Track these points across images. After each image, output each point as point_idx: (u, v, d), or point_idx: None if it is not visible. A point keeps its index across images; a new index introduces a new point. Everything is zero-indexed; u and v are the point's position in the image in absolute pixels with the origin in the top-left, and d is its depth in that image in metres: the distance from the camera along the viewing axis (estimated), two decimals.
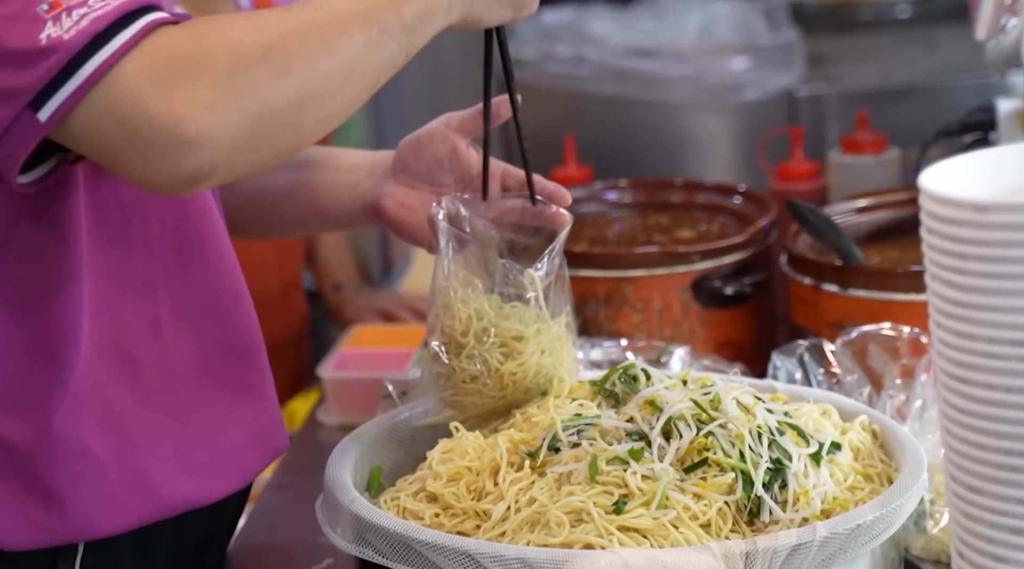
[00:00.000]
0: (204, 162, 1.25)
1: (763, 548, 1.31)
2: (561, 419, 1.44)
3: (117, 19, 1.25)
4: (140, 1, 1.27)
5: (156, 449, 1.42)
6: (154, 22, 1.26)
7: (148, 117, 1.24)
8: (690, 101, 2.92)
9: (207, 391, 1.46)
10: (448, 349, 1.51)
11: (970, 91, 2.71)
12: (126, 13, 1.25)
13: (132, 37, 1.25)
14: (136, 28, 1.25)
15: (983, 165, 1.24)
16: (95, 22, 1.24)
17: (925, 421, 1.61)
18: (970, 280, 1.16)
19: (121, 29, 1.25)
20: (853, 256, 1.91)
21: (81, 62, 1.23)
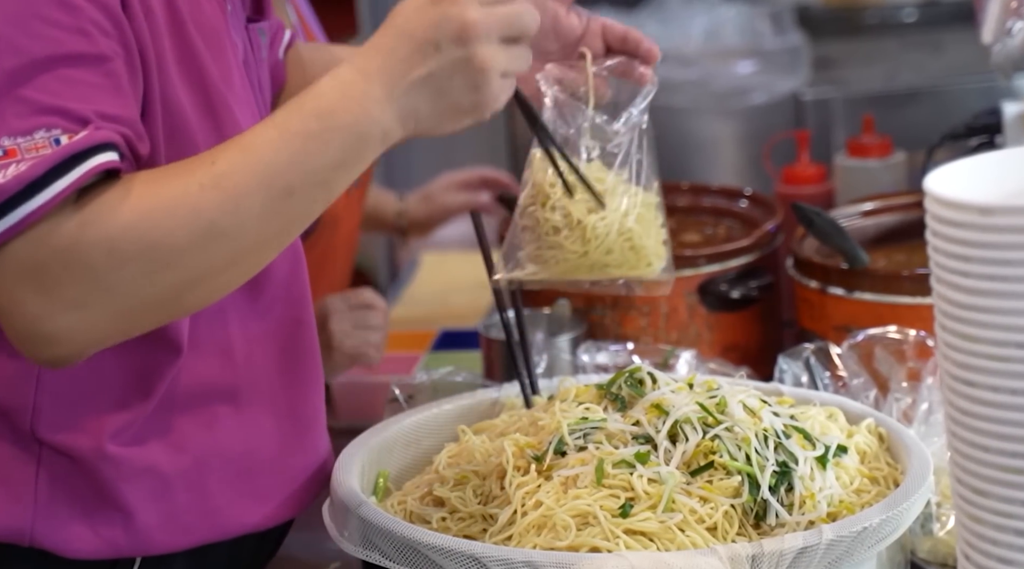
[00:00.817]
0: (64, 352, 1.25)
1: (769, 551, 1.31)
2: (567, 423, 1.44)
3: (59, 163, 1.21)
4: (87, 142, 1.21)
5: (222, 472, 1.42)
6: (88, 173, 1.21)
7: (13, 305, 1.22)
8: (696, 105, 2.92)
9: (273, 418, 1.45)
10: (536, 200, 1.46)
11: (976, 94, 2.71)
12: (69, 156, 1.21)
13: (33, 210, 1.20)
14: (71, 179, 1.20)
15: (988, 168, 1.24)
16: (33, 167, 1.20)
17: (931, 424, 1.61)
18: (975, 282, 1.16)
19: (59, 176, 1.21)
20: (859, 259, 1.91)
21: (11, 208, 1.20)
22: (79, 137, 1.22)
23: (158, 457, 1.39)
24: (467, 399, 1.63)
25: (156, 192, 1.24)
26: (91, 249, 1.22)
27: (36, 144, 1.21)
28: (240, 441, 1.43)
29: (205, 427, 1.41)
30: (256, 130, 1.27)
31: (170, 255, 1.23)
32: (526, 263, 1.47)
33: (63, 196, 1.21)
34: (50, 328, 1.22)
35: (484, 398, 1.63)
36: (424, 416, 1.60)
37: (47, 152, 1.21)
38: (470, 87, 1.26)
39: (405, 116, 1.26)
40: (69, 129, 1.22)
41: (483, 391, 1.65)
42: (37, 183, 1.20)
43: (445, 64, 1.25)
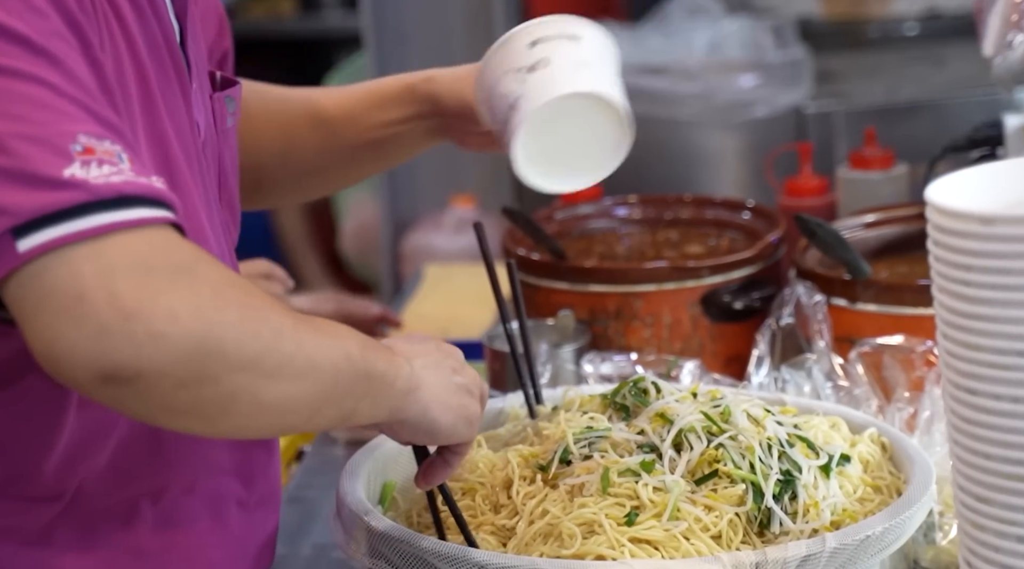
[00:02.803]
0: (131, 362, 1.13)
1: (773, 559, 1.32)
2: (572, 432, 1.45)
3: (146, 195, 1.17)
4: (167, 196, 1.19)
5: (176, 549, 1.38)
6: (171, 221, 1.18)
7: (109, 293, 1.12)
8: (699, 118, 2.93)
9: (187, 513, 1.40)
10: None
11: (978, 107, 2.72)
12: (155, 197, 1.17)
13: (150, 218, 1.16)
14: (157, 214, 1.17)
15: (989, 178, 1.25)
16: (126, 184, 1.16)
17: (933, 433, 1.62)
18: (976, 292, 1.17)
19: (144, 204, 1.16)
20: (861, 270, 1.92)
21: (96, 210, 1.14)
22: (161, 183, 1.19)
23: (68, 553, 1.32)
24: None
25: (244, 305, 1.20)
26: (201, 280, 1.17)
27: (107, 150, 1.17)
28: (153, 536, 1.36)
29: (120, 522, 1.35)
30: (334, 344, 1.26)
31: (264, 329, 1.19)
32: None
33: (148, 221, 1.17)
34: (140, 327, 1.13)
35: (489, 408, 1.64)
36: None
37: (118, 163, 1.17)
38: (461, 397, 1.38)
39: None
40: (128, 150, 1.19)
41: (487, 401, 1.66)
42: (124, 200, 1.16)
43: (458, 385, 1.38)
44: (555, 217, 2.23)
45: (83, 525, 1.34)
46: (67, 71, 1.19)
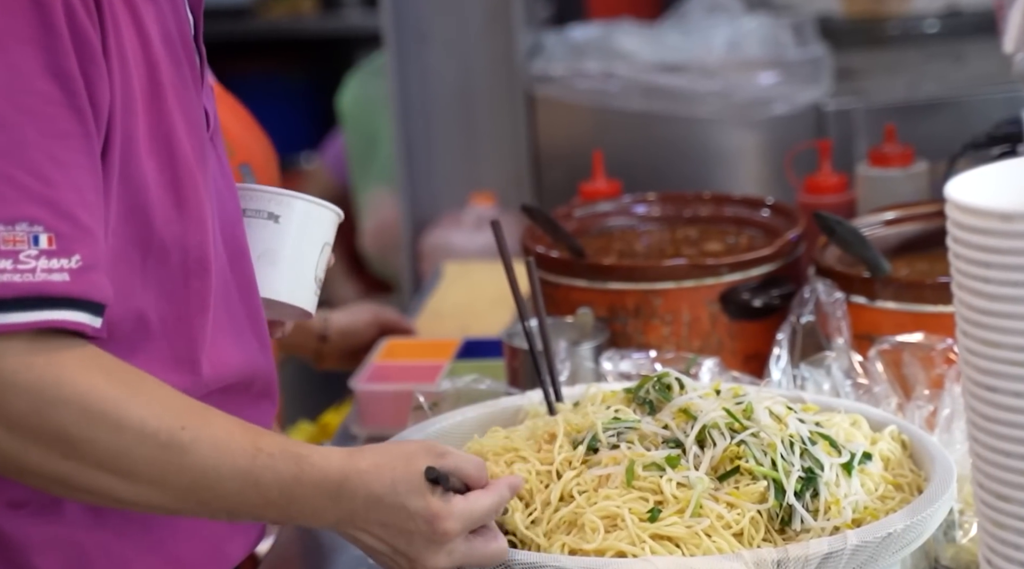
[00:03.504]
0: None
1: (794, 556, 1.32)
2: (601, 421, 1.45)
3: (24, 298, 1.19)
4: (64, 291, 1.20)
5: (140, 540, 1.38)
6: (52, 323, 1.20)
7: None
8: (718, 116, 2.92)
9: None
10: None
11: (998, 104, 2.71)
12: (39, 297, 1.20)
13: (11, 325, 1.19)
14: (28, 320, 1.19)
15: (1009, 175, 1.25)
16: (2, 287, 1.19)
17: (953, 431, 1.62)
18: (996, 289, 1.17)
19: (16, 310, 1.19)
20: (881, 268, 1.92)
21: None
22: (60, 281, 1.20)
23: (76, 528, 1.34)
24: (491, 407, 1.63)
25: (112, 399, 1.23)
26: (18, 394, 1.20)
27: (15, 237, 1.19)
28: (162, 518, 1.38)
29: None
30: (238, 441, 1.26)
31: (76, 457, 1.23)
32: None
33: (20, 328, 1.20)
34: None
35: (508, 406, 1.64)
36: (448, 424, 1.61)
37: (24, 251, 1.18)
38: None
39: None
40: (53, 227, 1.20)
41: (507, 399, 1.66)
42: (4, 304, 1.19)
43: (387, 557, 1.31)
44: (574, 215, 2.23)
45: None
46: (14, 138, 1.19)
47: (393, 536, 1.29)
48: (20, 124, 1.21)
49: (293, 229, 1.42)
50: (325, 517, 1.29)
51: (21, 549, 1.33)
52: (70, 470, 1.24)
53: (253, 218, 1.41)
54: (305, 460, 1.27)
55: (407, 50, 3.37)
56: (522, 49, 3.14)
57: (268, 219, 1.41)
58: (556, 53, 3.07)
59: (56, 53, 1.23)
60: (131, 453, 1.23)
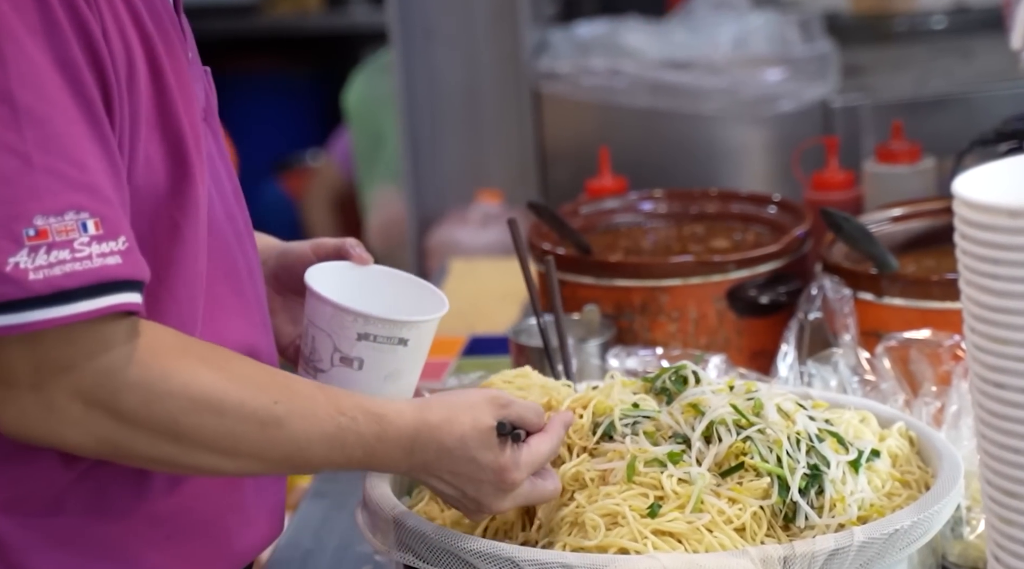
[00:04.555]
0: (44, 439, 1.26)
1: (801, 553, 1.31)
2: (621, 408, 1.45)
3: (89, 285, 1.21)
4: (121, 274, 1.23)
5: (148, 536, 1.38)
6: (119, 307, 1.22)
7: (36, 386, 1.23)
8: (725, 113, 2.92)
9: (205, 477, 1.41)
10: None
11: (1006, 101, 2.70)
12: (101, 283, 1.22)
13: (88, 313, 1.21)
14: (99, 306, 1.22)
15: (1017, 172, 1.25)
16: (67, 277, 1.21)
17: (961, 428, 1.62)
18: (1004, 285, 1.16)
19: (86, 297, 1.22)
20: (888, 264, 1.92)
21: (29, 307, 1.20)
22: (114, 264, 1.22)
23: (83, 525, 1.35)
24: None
25: (213, 385, 1.27)
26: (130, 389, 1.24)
27: (66, 226, 1.21)
28: (168, 504, 1.38)
29: (133, 491, 1.36)
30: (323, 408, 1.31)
31: (186, 441, 1.27)
32: None
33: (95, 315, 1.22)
34: (55, 418, 1.24)
35: None
36: None
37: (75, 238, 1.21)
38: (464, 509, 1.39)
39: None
40: (97, 212, 1.22)
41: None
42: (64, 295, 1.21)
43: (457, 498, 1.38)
44: (580, 212, 2.23)
45: (96, 493, 1.35)
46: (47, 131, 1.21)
47: (463, 483, 1.36)
48: (49, 116, 1.23)
49: (421, 347, 1.45)
50: (399, 467, 1.36)
51: (21, 549, 1.33)
52: (177, 453, 1.28)
53: (383, 344, 1.43)
54: (384, 419, 1.33)
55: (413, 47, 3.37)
56: (528, 46, 3.13)
57: (398, 344, 1.44)
58: (562, 50, 3.07)
59: (60, 43, 1.24)
60: (234, 433, 1.28)
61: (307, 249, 1.55)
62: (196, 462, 1.30)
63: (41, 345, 1.22)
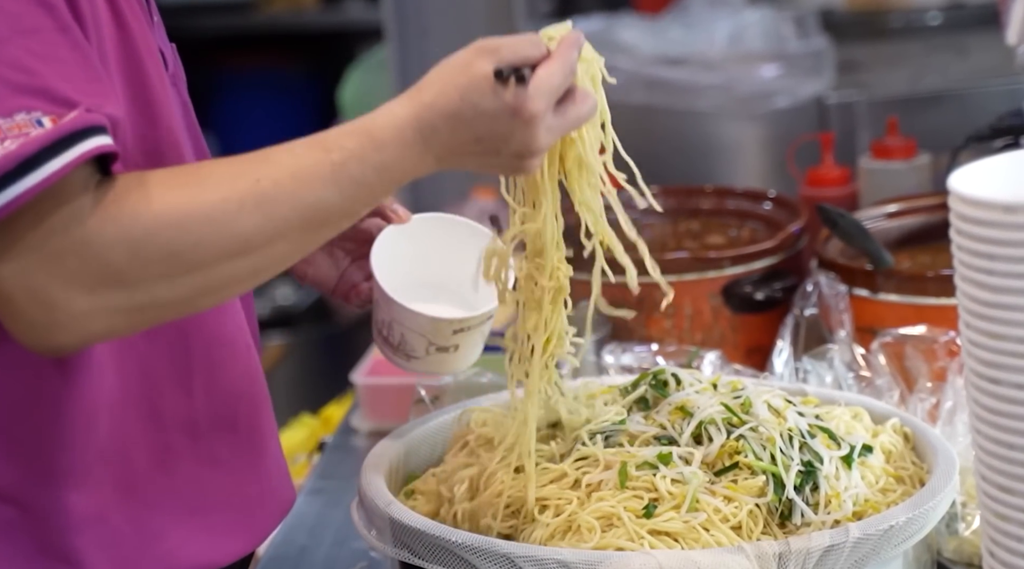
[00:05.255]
0: (70, 341, 1.23)
1: (796, 549, 1.31)
2: (588, 427, 1.45)
3: (42, 147, 1.18)
4: (81, 122, 1.19)
5: (173, 511, 1.37)
6: (85, 156, 1.18)
7: (26, 289, 1.19)
8: (720, 109, 2.92)
9: (228, 447, 1.41)
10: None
11: (1001, 97, 2.70)
12: (62, 137, 1.18)
13: (44, 180, 1.17)
14: (64, 161, 1.18)
15: (1012, 167, 1.25)
16: (22, 147, 1.17)
17: (956, 424, 1.62)
18: (999, 280, 1.16)
19: (45, 161, 1.17)
20: (883, 260, 1.92)
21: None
22: (69, 118, 1.19)
23: (107, 502, 1.34)
24: (493, 400, 1.63)
25: (187, 200, 1.23)
26: (111, 248, 1.20)
27: (18, 124, 1.19)
28: (191, 476, 1.38)
29: (157, 464, 1.36)
30: (308, 158, 1.26)
31: (196, 264, 1.23)
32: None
33: (58, 176, 1.18)
34: (62, 315, 1.20)
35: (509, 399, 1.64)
36: (450, 417, 1.61)
37: (33, 132, 1.18)
38: (514, 170, 1.34)
39: (441, 161, 1.30)
40: (51, 111, 1.19)
41: (508, 392, 1.66)
42: (28, 162, 1.18)
43: (499, 163, 1.31)
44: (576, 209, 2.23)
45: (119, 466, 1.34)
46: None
47: (493, 143, 1.28)
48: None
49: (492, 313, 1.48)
50: (425, 163, 1.28)
51: (58, 530, 1.32)
52: (198, 281, 1.23)
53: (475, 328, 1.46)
54: (374, 129, 1.26)
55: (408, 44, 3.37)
56: None
57: (487, 322, 1.48)
58: None
59: None
60: (235, 230, 1.23)
61: None
62: (222, 277, 1.23)
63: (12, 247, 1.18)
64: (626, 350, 1.86)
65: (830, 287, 1.89)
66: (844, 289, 1.89)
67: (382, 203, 1.49)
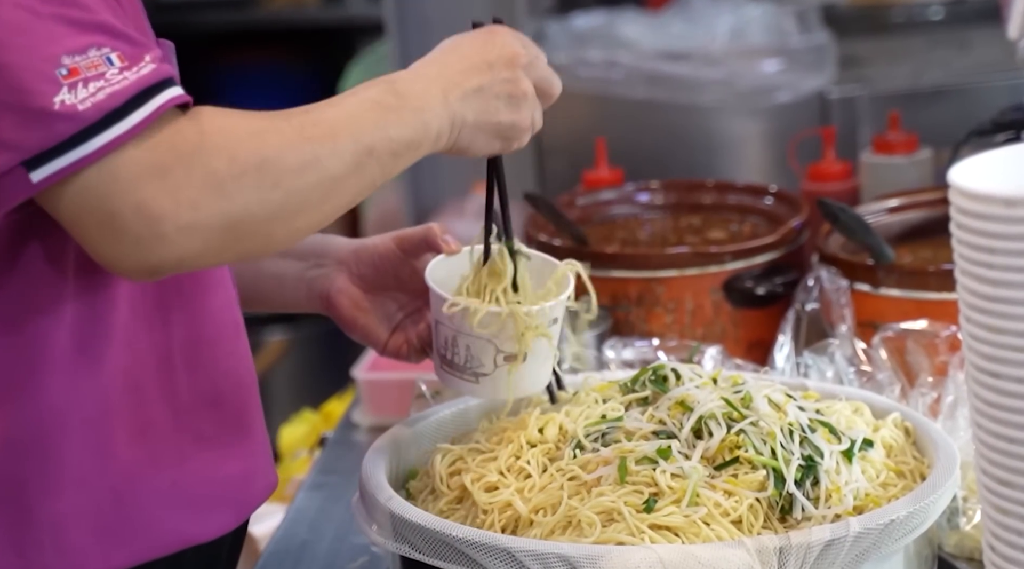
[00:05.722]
0: (171, 256, 1.27)
1: (797, 543, 1.31)
2: (585, 424, 1.45)
3: (134, 96, 1.25)
4: (158, 75, 1.26)
5: (153, 483, 1.38)
6: (170, 102, 1.26)
7: (134, 205, 1.24)
8: (722, 104, 2.92)
9: (209, 424, 1.42)
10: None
11: (1003, 91, 2.70)
12: (144, 89, 1.25)
13: (145, 119, 1.25)
14: (150, 109, 1.25)
15: (1013, 161, 1.25)
16: (111, 97, 1.24)
17: (957, 418, 1.62)
18: (999, 274, 1.16)
19: (136, 107, 1.25)
20: (885, 255, 1.92)
21: (89, 136, 1.23)
22: (149, 70, 1.26)
23: (88, 471, 1.35)
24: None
25: (261, 119, 1.31)
26: (214, 155, 1.26)
27: (92, 62, 1.25)
28: (172, 449, 1.39)
29: (138, 436, 1.37)
30: (334, 98, 1.35)
31: (280, 174, 1.28)
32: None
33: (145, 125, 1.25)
34: (169, 227, 1.25)
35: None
36: (451, 412, 1.61)
37: (107, 73, 1.24)
38: (512, 107, 1.42)
39: (454, 121, 1.39)
40: (115, 47, 1.25)
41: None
42: (117, 113, 1.24)
43: (494, 81, 1.40)
44: (577, 203, 2.23)
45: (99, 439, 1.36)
46: None
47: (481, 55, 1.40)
48: None
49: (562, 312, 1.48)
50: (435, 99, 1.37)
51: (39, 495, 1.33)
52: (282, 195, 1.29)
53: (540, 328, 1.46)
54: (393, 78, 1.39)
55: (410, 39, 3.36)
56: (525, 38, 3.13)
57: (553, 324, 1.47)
58: (559, 42, 3.06)
59: None
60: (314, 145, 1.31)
61: (390, 244, 1.57)
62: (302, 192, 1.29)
63: (120, 167, 1.24)
64: (627, 345, 1.86)
65: (831, 282, 1.89)
66: (845, 284, 1.89)
67: (433, 231, 1.55)
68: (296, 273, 1.58)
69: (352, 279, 1.56)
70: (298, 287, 1.58)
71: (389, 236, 1.57)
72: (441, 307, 1.46)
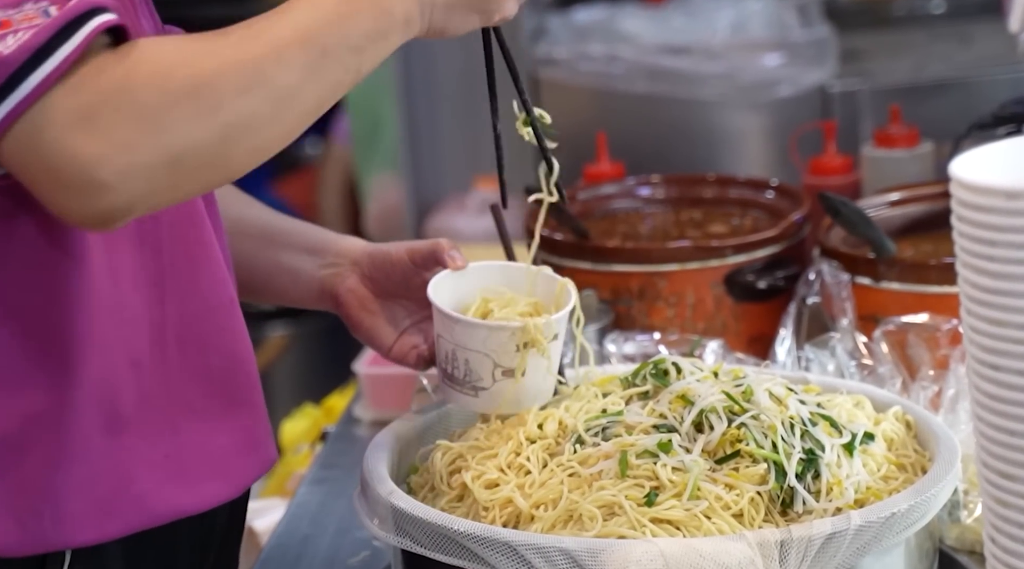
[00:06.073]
0: (119, 202, 1.23)
1: (798, 537, 1.31)
2: (585, 418, 1.45)
3: (60, 28, 1.20)
4: (85, 4, 1.22)
5: (147, 455, 1.38)
6: (97, 28, 1.21)
7: (68, 155, 1.20)
8: (723, 98, 2.91)
9: (203, 398, 1.42)
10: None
11: (1004, 85, 2.70)
12: (69, 20, 1.21)
13: (71, 53, 1.20)
14: (77, 41, 1.20)
15: (1014, 154, 1.25)
16: (36, 35, 1.20)
17: (958, 411, 1.62)
18: (1000, 267, 1.16)
19: (63, 41, 1.20)
20: (886, 249, 1.92)
21: (17, 82, 1.19)
22: (72, 3, 1.22)
23: (85, 441, 1.35)
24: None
25: (196, 42, 1.26)
26: (142, 88, 1.21)
27: (27, 15, 1.21)
28: (166, 422, 1.39)
29: (133, 408, 1.37)
30: (282, 5, 1.30)
31: (219, 96, 1.23)
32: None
33: (73, 57, 1.21)
34: (106, 173, 1.21)
35: None
36: (451, 406, 1.61)
37: (41, 22, 1.20)
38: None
39: (423, 2, 1.33)
40: (58, 1, 1.22)
41: None
42: (43, 50, 1.20)
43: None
44: (578, 197, 2.23)
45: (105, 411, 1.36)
46: None
47: None
48: None
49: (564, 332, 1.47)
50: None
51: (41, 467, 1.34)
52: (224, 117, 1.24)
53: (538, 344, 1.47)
54: None
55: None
56: (526, 32, 3.13)
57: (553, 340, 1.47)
58: (560, 36, 3.06)
59: None
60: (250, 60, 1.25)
61: (403, 254, 1.55)
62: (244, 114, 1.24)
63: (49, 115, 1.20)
64: (628, 339, 1.86)
65: (832, 275, 1.89)
66: (846, 277, 1.89)
67: (441, 246, 1.53)
68: (311, 269, 1.58)
69: (363, 281, 1.55)
70: (311, 283, 1.58)
71: (403, 245, 1.56)
72: (442, 321, 1.47)
